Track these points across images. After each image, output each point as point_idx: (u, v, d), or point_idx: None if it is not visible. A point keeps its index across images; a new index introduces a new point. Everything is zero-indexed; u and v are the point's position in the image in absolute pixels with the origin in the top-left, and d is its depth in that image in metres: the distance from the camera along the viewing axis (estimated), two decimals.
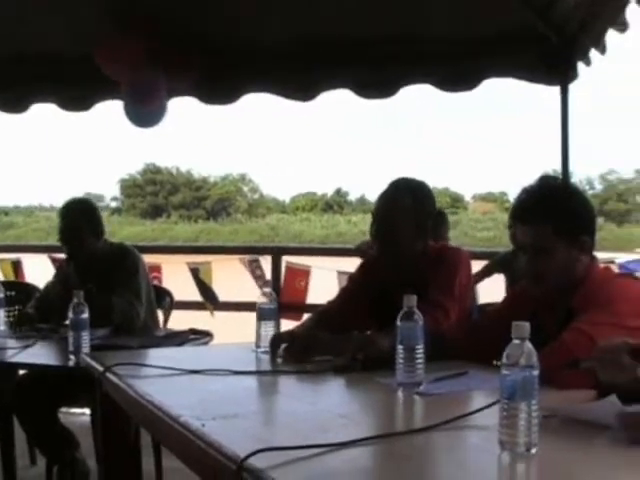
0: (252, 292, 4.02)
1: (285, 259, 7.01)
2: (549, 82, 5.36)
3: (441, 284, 3.16)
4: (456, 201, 53.13)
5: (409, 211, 3.22)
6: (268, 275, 6.86)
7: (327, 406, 2.35)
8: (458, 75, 5.38)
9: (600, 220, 47.13)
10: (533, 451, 1.74)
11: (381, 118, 74.94)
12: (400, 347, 2.39)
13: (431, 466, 1.81)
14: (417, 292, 2.46)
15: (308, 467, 1.67)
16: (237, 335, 3.59)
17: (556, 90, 5.34)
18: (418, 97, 6.71)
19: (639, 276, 5.09)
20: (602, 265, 2.79)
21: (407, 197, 3.25)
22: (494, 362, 2.56)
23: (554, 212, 2.60)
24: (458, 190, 55.86)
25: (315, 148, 75.44)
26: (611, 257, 6.47)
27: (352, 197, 52.60)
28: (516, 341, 1.74)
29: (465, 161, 76.66)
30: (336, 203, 51.25)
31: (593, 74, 5.43)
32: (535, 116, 59.26)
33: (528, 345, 1.74)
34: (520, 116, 75.44)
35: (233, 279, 7.02)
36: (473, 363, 2.64)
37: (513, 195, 2.87)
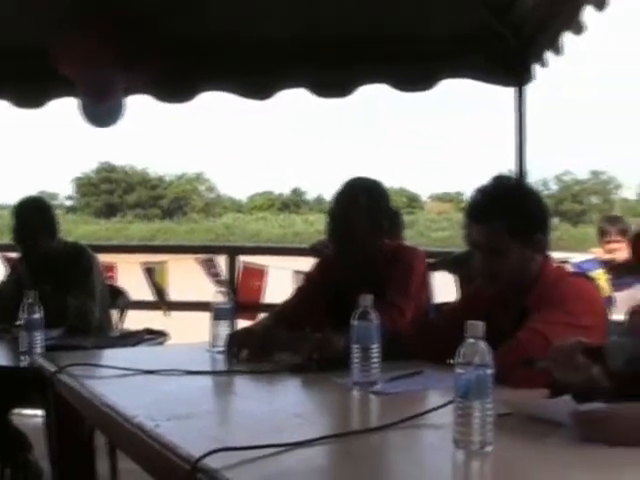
0: (208, 291, 4.00)
1: (241, 259, 6.98)
2: (505, 83, 5.42)
3: (397, 283, 3.16)
4: (412, 201, 53.31)
5: (365, 210, 3.23)
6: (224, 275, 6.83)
7: (282, 406, 2.34)
8: (415, 75, 5.40)
9: (555, 220, 47.71)
10: (487, 449, 1.75)
11: (338, 117, 75.03)
12: (355, 347, 2.39)
13: (387, 465, 1.80)
14: (373, 291, 2.46)
15: (263, 467, 1.67)
16: (193, 335, 3.57)
17: (512, 91, 5.39)
18: (375, 96, 6.72)
19: (592, 276, 5.16)
20: (555, 264, 2.82)
21: (362, 196, 3.25)
22: (449, 361, 2.57)
23: (508, 211, 2.62)
24: (414, 190, 56.14)
25: (272, 147, 75.15)
26: (566, 257, 6.52)
27: (309, 196, 52.53)
28: (470, 340, 1.75)
29: (422, 161, 77.04)
30: (293, 202, 51.18)
31: (549, 75, 5.49)
32: (491, 117, 59.70)
33: (482, 344, 1.75)
34: (477, 116, 75.90)
35: (189, 278, 6.98)
36: (429, 362, 2.65)
37: (469, 195, 2.88)
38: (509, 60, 5.24)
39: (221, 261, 6.98)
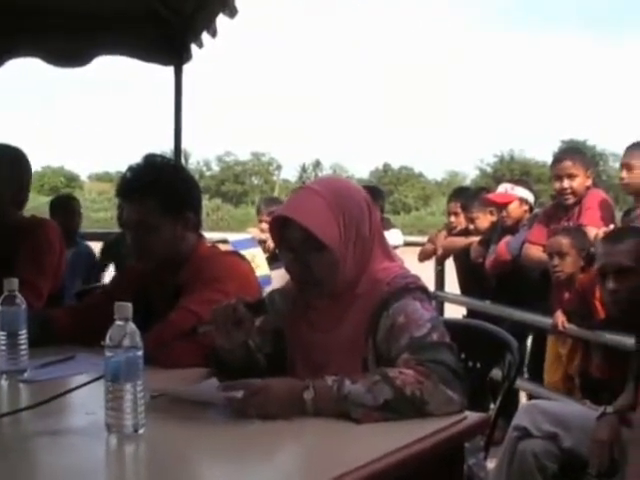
0: None
1: None
2: (163, 62, 5.38)
3: (31, 259, 3.03)
4: (72, 180, 52.07)
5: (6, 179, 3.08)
6: None
7: None
8: (70, 50, 5.19)
9: (218, 201, 48.82)
10: (141, 432, 1.73)
11: None
12: (2, 333, 2.25)
13: (37, 452, 1.75)
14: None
15: None
16: None
17: (171, 70, 5.38)
18: (24, 71, 6.41)
19: (250, 254, 5.30)
20: (209, 244, 2.85)
21: (4, 165, 3.09)
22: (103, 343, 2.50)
23: (158, 189, 2.60)
24: (73, 169, 54.97)
25: None
26: (225, 237, 6.65)
27: None
28: (119, 322, 1.72)
29: (80, 140, 75.45)
30: None
31: (210, 57, 5.54)
32: (152, 96, 59.73)
33: (131, 326, 1.72)
34: (137, 95, 75.48)
35: None
36: (82, 346, 2.57)
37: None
38: (168, 38, 5.22)
39: None
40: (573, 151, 5.21)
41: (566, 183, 4.58)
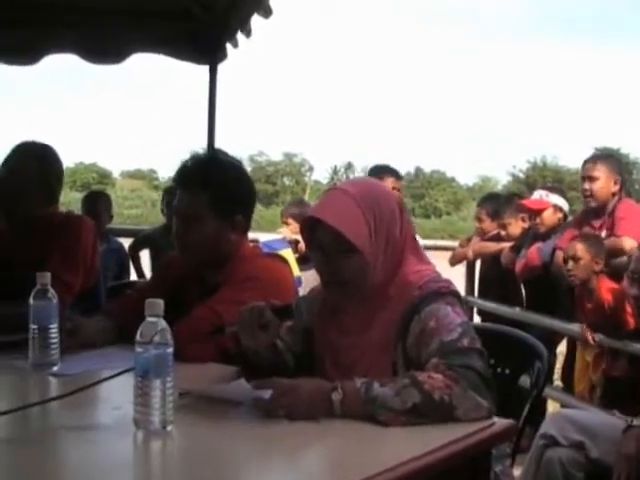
0: None
1: None
2: (198, 61, 5.39)
3: (63, 254, 3.06)
4: (104, 177, 52.38)
5: (31, 173, 3.12)
6: None
7: None
8: (106, 47, 5.22)
9: None
10: (169, 428, 1.74)
11: (20, 87, 72.13)
12: (34, 327, 2.27)
13: (64, 446, 1.75)
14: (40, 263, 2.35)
15: None
16: None
17: (205, 69, 5.39)
18: (61, 67, 6.46)
19: (281, 254, 5.30)
20: (251, 244, 2.85)
21: (30, 159, 3.14)
22: None
23: (216, 185, 2.59)
24: (106, 166, 55.31)
25: None
26: (255, 237, 6.64)
27: None
28: (151, 319, 1.72)
29: (114, 137, 76.00)
30: None
31: (245, 56, 5.55)
32: (186, 94, 60.00)
33: (162, 322, 1.73)
34: (171, 93, 75.84)
35: None
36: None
37: (162, 173, 2.83)
38: (202, 37, 5.23)
39: None
40: (601, 156, 5.11)
41: (587, 185, 4.55)
